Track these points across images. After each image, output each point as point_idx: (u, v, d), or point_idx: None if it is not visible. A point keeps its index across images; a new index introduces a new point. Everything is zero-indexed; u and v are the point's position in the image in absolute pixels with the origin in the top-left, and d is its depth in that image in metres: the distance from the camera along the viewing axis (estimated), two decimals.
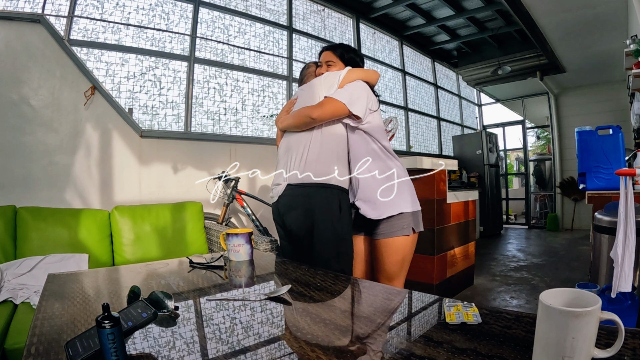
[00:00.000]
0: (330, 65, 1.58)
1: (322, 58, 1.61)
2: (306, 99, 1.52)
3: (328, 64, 1.58)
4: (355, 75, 1.50)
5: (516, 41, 5.64)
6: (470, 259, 3.31)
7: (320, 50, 1.65)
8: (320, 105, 1.40)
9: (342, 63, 1.58)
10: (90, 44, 2.69)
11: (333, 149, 1.44)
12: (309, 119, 1.40)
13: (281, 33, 3.98)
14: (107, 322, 0.54)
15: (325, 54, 1.60)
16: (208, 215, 2.84)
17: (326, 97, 1.43)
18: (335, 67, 1.57)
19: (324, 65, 1.59)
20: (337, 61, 1.58)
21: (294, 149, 1.46)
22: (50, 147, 2.33)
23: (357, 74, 1.50)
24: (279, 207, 1.49)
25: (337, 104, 1.39)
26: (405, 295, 0.93)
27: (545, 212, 7.17)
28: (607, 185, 2.29)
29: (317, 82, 1.54)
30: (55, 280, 1.09)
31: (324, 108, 1.39)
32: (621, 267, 1.36)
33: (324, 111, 1.39)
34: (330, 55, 1.58)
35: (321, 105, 1.40)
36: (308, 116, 1.40)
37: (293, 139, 1.48)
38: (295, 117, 1.47)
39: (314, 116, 1.39)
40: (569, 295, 0.52)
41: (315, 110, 1.39)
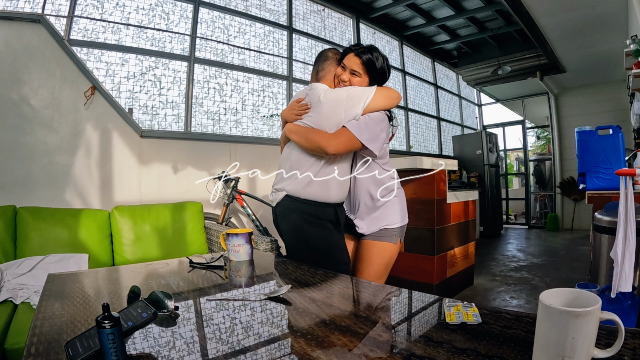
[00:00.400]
0: (354, 76, 1.42)
1: (347, 62, 1.42)
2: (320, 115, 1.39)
3: (352, 73, 1.42)
4: (380, 102, 1.38)
5: (516, 41, 5.64)
6: (470, 259, 3.31)
7: (346, 50, 1.46)
8: (336, 138, 1.32)
9: (367, 77, 1.43)
10: (90, 44, 2.69)
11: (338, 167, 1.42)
12: (322, 152, 1.34)
13: (281, 33, 3.99)
14: (107, 322, 0.54)
15: (352, 59, 1.42)
16: (208, 215, 2.84)
17: (344, 129, 1.34)
18: (359, 79, 1.42)
19: (347, 72, 1.42)
20: (363, 74, 1.42)
21: (297, 165, 1.42)
22: (50, 147, 2.33)
23: (382, 102, 1.39)
24: (277, 214, 1.48)
25: (355, 142, 1.33)
26: (406, 295, 0.93)
27: (545, 212, 7.17)
28: (607, 185, 2.29)
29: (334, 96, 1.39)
30: (55, 280, 1.09)
31: (341, 144, 1.32)
32: (621, 267, 1.36)
33: (339, 147, 1.33)
34: (357, 64, 1.41)
35: (337, 138, 1.32)
36: (322, 149, 1.33)
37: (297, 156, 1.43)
38: (307, 141, 1.38)
39: (329, 152, 1.32)
40: (569, 295, 0.52)
41: (331, 145, 1.31)
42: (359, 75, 1.42)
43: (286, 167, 1.46)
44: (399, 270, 2.83)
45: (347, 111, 1.36)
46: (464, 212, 3.21)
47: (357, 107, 1.36)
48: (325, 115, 1.38)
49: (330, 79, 1.48)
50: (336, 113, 1.36)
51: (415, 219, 2.80)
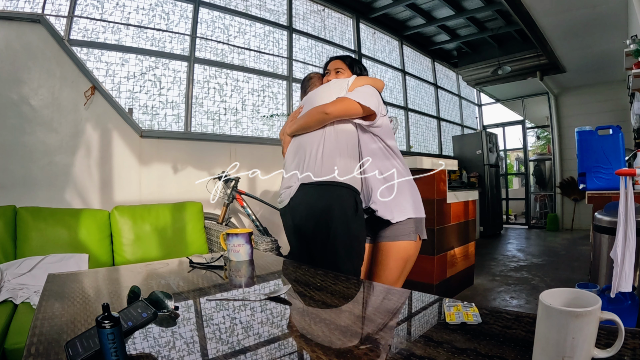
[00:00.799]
0: (339, 72, 1.59)
1: (330, 66, 1.63)
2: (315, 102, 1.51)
3: (337, 71, 1.60)
4: (363, 81, 1.51)
5: (516, 41, 5.64)
6: (470, 259, 3.31)
7: (328, 60, 1.67)
8: (333, 103, 1.41)
9: (350, 71, 1.60)
10: (90, 44, 2.69)
11: (348, 145, 1.43)
12: (323, 115, 1.40)
13: (281, 33, 3.99)
14: (107, 322, 0.54)
15: (334, 62, 1.62)
16: (208, 215, 2.84)
17: (338, 97, 1.43)
18: (344, 74, 1.59)
19: (332, 73, 1.61)
20: (346, 69, 1.60)
21: (306, 148, 1.43)
22: (50, 147, 2.33)
23: (365, 80, 1.52)
24: (292, 208, 1.43)
25: (350, 101, 1.39)
26: (406, 296, 0.93)
27: (545, 212, 7.17)
28: (607, 185, 2.29)
29: (325, 87, 1.55)
30: (55, 280, 1.09)
31: (338, 104, 1.40)
32: (621, 267, 1.36)
33: (337, 107, 1.39)
34: (339, 63, 1.60)
35: (334, 103, 1.41)
36: (322, 112, 1.40)
37: (304, 139, 1.47)
38: (307, 116, 1.46)
39: (328, 111, 1.39)
40: (569, 295, 0.52)
41: (328, 106, 1.39)
42: (342, 71, 1.59)
43: (293, 159, 1.48)
44: None
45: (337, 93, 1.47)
46: (464, 212, 3.21)
47: (343, 88, 1.48)
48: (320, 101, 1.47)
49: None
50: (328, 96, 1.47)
51: None
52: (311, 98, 1.56)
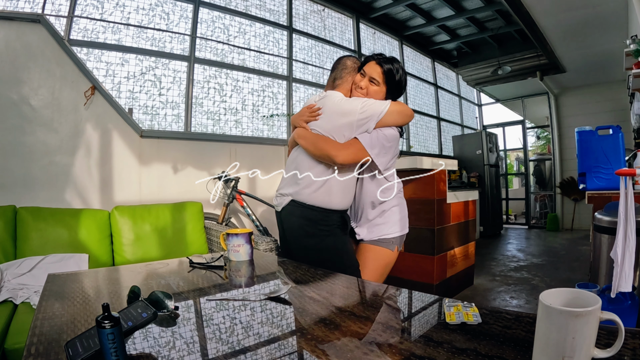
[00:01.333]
0: (372, 83, 1.41)
1: (367, 69, 1.42)
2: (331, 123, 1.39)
3: (371, 81, 1.42)
4: (393, 118, 1.38)
5: (516, 41, 5.64)
6: (470, 259, 3.31)
7: (369, 57, 1.46)
8: (346, 149, 1.33)
9: (385, 87, 1.42)
10: (90, 44, 2.69)
11: (343, 183, 1.41)
12: (330, 161, 1.35)
13: (281, 33, 3.98)
14: (107, 322, 0.54)
15: (373, 67, 1.42)
16: (208, 215, 2.84)
17: (355, 140, 1.35)
18: (377, 88, 1.42)
19: (365, 80, 1.42)
20: (382, 84, 1.42)
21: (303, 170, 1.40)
22: (50, 147, 2.33)
23: (396, 117, 1.39)
24: (282, 219, 1.48)
25: (364, 154, 1.34)
26: (406, 295, 0.93)
27: (545, 212, 7.17)
28: (607, 185, 2.29)
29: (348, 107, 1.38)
30: (55, 280, 1.09)
31: (350, 155, 1.33)
32: (621, 267, 1.36)
33: (348, 158, 1.33)
34: (378, 73, 1.41)
35: (347, 149, 1.33)
36: (330, 158, 1.34)
37: (304, 162, 1.43)
38: (316, 149, 1.38)
39: (337, 161, 1.32)
40: (569, 295, 0.52)
41: (339, 155, 1.32)
42: (377, 84, 1.42)
43: (292, 172, 1.45)
44: (399, 270, 2.83)
45: (360, 124, 1.35)
46: (464, 212, 3.21)
47: (370, 120, 1.35)
48: (337, 125, 1.38)
49: (347, 88, 1.47)
50: (349, 124, 1.36)
51: (415, 219, 2.80)
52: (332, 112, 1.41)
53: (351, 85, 1.47)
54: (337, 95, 1.45)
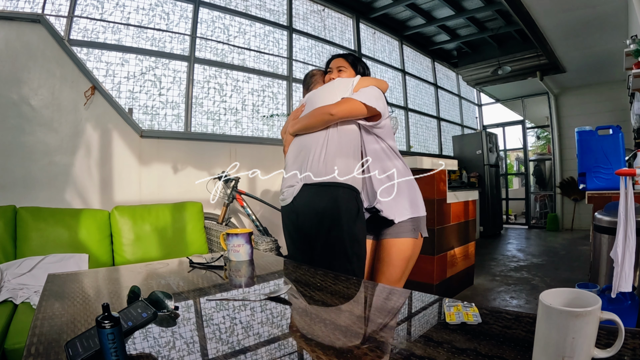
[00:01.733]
0: (341, 71, 1.57)
1: (332, 64, 1.60)
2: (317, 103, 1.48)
3: (339, 69, 1.58)
4: (368, 82, 1.50)
5: (516, 41, 5.63)
6: (470, 259, 3.31)
7: (330, 58, 1.65)
8: (338, 103, 1.40)
9: (352, 70, 1.58)
10: (90, 44, 2.69)
11: (350, 146, 1.43)
12: (328, 116, 1.38)
13: (281, 33, 3.98)
14: (107, 322, 0.54)
15: (336, 60, 1.61)
16: (208, 215, 2.84)
17: (343, 98, 1.42)
18: (346, 73, 1.57)
19: (334, 71, 1.59)
20: (348, 67, 1.58)
21: (309, 148, 1.41)
22: (50, 147, 2.33)
23: (370, 81, 1.50)
24: (295, 207, 1.43)
25: (355, 102, 1.39)
26: (406, 296, 0.93)
27: (545, 212, 7.17)
28: (607, 185, 2.29)
29: (328, 86, 1.53)
30: (55, 280, 1.09)
31: (343, 105, 1.39)
32: (621, 267, 1.36)
33: (342, 108, 1.39)
34: (341, 62, 1.59)
35: (339, 103, 1.40)
36: (327, 113, 1.39)
37: (307, 139, 1.45)
38: (311, 117, 1.44)
39: (333, 112, 1.38)
40: (569, 295, 0.52)
41: (333, 107, 1.38)
42: (345, 69, 1.57)
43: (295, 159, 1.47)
44: None
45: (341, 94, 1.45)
46: (464, 212, 3.21)
47: (348, 88, 1.47)
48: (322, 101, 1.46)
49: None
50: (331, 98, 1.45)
51: None
52: (314, 97, 1.54)
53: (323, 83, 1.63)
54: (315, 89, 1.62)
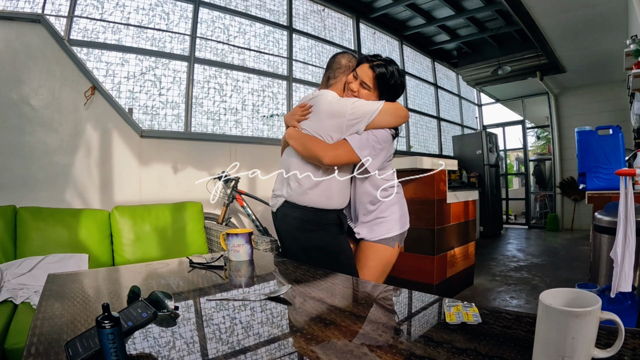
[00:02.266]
0: (363, 87, 1.38)
1: (359, 71, 1.39)
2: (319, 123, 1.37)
3: (362, 85, 1.38)
4: (386, 120, 1.34)
5: (516, 41, 5.63)
6: (470, 259, 3.31)
7: (362, 59, 1.42)
8: (334, 150, 1.31)
9: (377, 91, 1.39)
10: (90, 44, 2.69)
11: (337, 185, 1.40)
12: (318, 162, 1.33)
13: (281, 33, 3.98)
14: (107, 322, 0.54)
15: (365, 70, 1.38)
16: (208, 215, 2.84)
17: (344, 142, 1.32)
18: (368, 92, 1.39)
19: (357, 82, 1.39)
20: (373, 89, 1.38)
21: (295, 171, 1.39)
22: (50, 147, 2.33)
23: (389, 119, 1.34)
24: (277, 219, 1.48)
25: (353, 156, 1.31)
26: (406, 295, 0.93)
27: (545, 212, 7.17)
28: (607, 185, 2.29)
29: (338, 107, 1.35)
30: (55, 280, 1.09)
31: (338, 156, 1.30)
32: (621, 267, 1.36)
33: (336, 160, 1.31)
34: (368, 77, 1.37)
35: (335, 150, 1.31)
36: (318, 159, 1.31)
37: (296, 162, 1.41)
38: (304, 149, 1.36)
39: (324, 162, 1.30)
40: (569, 295, 0.52)
41: (327, 156, 1.30)
42: (368, 88, 1.38)
43: (285, 172, 1.45)
44: (399, 270, 2.83)
45: (350, 124, 1.32)
46: (464, 212, 3.21)
47: (361, 122, 1.32)
48: (326, 125, 1.35)
49: (341, 88, 1.45)
50: (338, 125, 1.33)
51: (415, 219, 2.80)
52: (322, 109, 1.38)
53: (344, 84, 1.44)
54: (330, 94, 1.41)
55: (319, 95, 1.44)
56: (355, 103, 1.34)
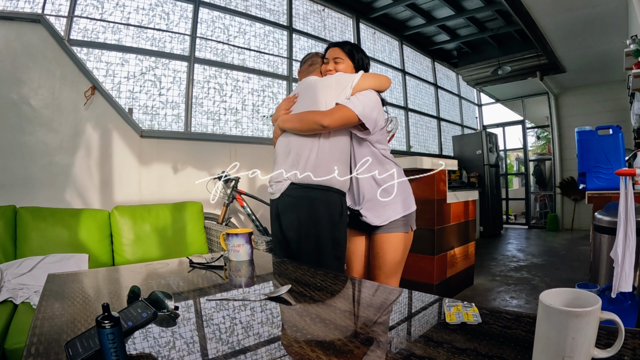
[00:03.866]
0: (337, 63, 1.51)
1: (328, 54, 1.54)
2: (311, 100, 1.45)
3: (335, 61, 1.51)
4: (368, 83, 1.44)
5: (516, 41, 5.63)
6: (470, 259, 3.31)
7: (327, 46, 1.58)
8: (331, 113, 1.36)
9: (350, 61, 1.52)
10: (90, 44, 2.69)
11: (338, 154, 1.43)
12: (319, 127, 1.35)
13: (281, 33, 3.98)
14: (107, 322, 0.54)
15: (332, 50, 1.54)
16: (208, 215, 2.84)
17: (338, 105, 1.38)
18: (343, 64, 1.51)
19: (330, 62, 1.52)
20: (346, 59, 1.52)
21: (298, 151, 1.42)
22: (50, 147, 2.33)
23: (371, 81, 1.45)
24: (279, 206, 1.47)
25: (349, 113, 1.35)
26: (406, 295, 0.93)
27: (545, 212, 7.17)
28: (607, 185, 2.29)
29: (324, 83, 1.47)
30: (55, 280, 1.09)
31: (335, 116, 1.35)
32: (621, 267, 1.36)
33: (335, 120, 1.35)
34: (338, 52, 1.52)
35: (332, 113, 1.36)
36: (318, 124, 1.35)
37: (296, 141, 1.43)
38: (302, 122, 1.41)
39: (324, 124, 1.34)
40: (569, 295, 0.52)
41: (326, 118, 1.34)
42: (342, 60, 1.51)
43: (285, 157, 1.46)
44: None
45: (338, 94, 1.41)
46: (464, 212, 3.21)
47: (346, 88, 1.41)
48: (317, 100, 1.43)
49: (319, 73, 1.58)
50: (325, 98, 1.42)
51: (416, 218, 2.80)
52: (309, 90, 1.49)
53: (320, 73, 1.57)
54: (311, 78, 1.54)
55: (302, 82, 1.57)
56: (337, 75, 1.47)
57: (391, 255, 1.48)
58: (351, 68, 1.52)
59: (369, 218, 1.48)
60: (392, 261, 1.48)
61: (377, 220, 1.47)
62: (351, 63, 1.52)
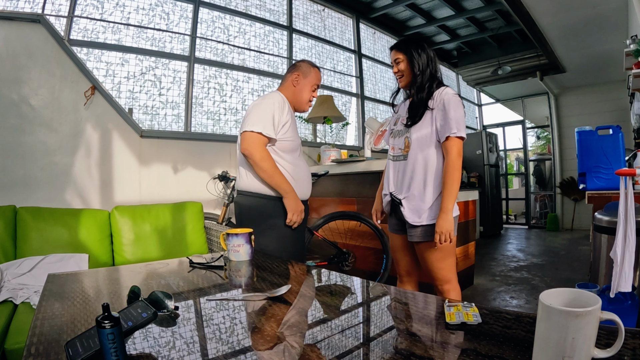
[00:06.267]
0: (398, 63, 1.60)
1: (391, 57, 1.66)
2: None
3: (396, 62, 1.62)
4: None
5: (516, 41, 5.63)
6: (470, 259, 3.30)
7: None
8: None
9: (405, 55, 1.59)
10: (90, 44, 2.69)
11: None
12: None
13: (281, 33, 3.98)
14: (107, 322, 0.54)
15: (391, 53, 1.65)
16: (208, 215, 2.84)
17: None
18: (402, 63, 1.59)
19: (394, 65, 1.64)
20: (404, 58, 1.60)
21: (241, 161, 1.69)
22: (50, 147, 2.33)
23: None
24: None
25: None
26: (405, 296, 0.93)
27: (545, 212, 7.17)
28: (607, 185, 2.29)
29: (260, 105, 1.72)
30: (55, 280, 1.09)
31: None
32: (621, 267, 1.36)
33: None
34: (394, 54, 1.62)
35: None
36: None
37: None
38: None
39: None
40: (569, 295, 0.52)
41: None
42: (401, 60, 1.60)
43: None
44: None
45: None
46: (464, 212, 3.21)
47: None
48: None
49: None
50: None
51: None
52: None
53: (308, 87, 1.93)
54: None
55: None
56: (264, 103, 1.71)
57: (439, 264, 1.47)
58: (408, 61, 1.58)
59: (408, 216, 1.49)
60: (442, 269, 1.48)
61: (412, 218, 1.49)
62: (407, 57, 1.58)
